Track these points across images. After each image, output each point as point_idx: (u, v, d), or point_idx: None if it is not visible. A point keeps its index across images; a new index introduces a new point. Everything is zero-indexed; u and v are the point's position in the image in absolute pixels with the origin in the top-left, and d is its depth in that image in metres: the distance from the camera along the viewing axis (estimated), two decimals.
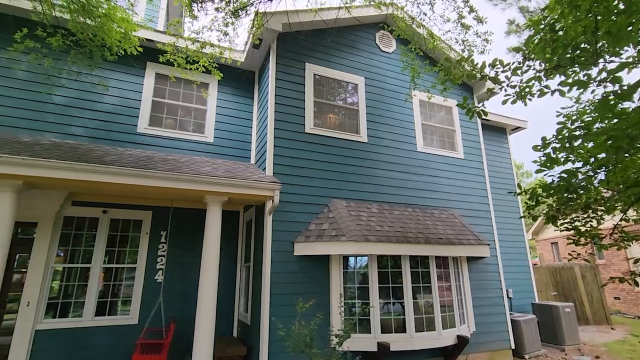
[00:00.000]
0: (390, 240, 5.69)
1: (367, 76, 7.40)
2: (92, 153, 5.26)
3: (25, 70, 5.76)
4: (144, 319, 5.95)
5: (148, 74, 6.90)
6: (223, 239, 6.45)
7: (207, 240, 5.22)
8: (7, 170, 4.25)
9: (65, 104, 6.20)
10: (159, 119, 6.91)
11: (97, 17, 4.78)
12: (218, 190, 5.18)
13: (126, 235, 6.57)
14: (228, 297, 6.86)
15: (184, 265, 6.62)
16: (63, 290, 6.01)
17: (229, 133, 7.37)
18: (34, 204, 5.62)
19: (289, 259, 5.61)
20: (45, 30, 5.04)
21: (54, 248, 6.01)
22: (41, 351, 5.55)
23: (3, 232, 4.32)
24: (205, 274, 5.07)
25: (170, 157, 6.07)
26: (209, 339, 4.84)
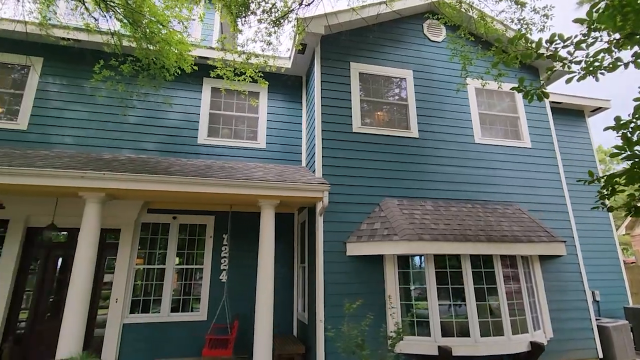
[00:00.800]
0: (447, 238, 5.39)
1: (416, 69, 7.12)
2: (160, 165, 5.83)
3: (104, 96, 6.59)
4: (212, 315, 6.42)
5: (205, 88, 7.46)
6: (279, 240, 6.71)
7: (262, 242, 5.46)
8: (92, 184, 4.90)
9: (137, 122, 6.96)
10: (216, 130, 7.41)
11: (157, 42, 5.30)
12: (269, 194, 5.40)
13: (193, 238, 7.16)
14: (286, 296, 7.09)
15: (243, 266, 7.00)
16: (143, 289, 6.74)
17: (280, 138, 7.62)
18: (116, 212, 6.40)
19: (342, 260, 5.62)
20: (117, 59, 5.72)
21: (135, 251, 6.77)
22: (128, 342, 6.29)
23: (92, 237, 4.98)
24: (261, 274, 5.30)
25: (227, 165, 6.47)
26: (267, 337, 5.05)
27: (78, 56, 6.75)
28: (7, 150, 5.77)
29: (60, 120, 6.66)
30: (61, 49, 6.70)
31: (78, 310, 4.65)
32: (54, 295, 6.56)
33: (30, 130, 6.48)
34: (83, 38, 6.42)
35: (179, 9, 5.56)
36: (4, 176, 4.65)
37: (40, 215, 6.29)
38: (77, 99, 6.82)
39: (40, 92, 6.71)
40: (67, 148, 6.51)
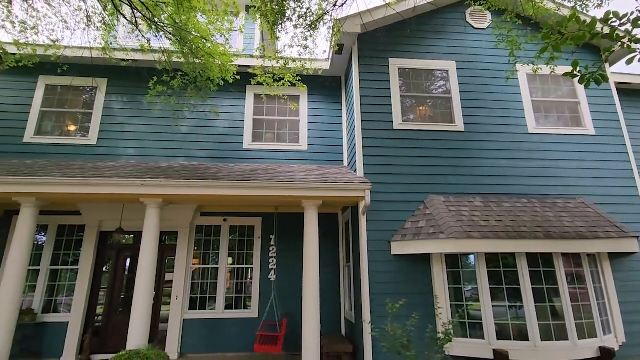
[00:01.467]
0: (499, 236, 5.10)
1: (459, 59, 6.81)
2: (209, 171, 6.20)
3: (159, 110, 7.16)
4: (262, 313, 6.69)
5: (248, 95, 7.79)
6: (324, 240, 6.82)
7: (307, 242, 5.58)
8: (151, 191, 5.36)
9: (189, 132, 7.47)
10: (260, 135, 7.71)
11: (202, 56, 5.66)
12: (311, 195, 5.50)
13: (243, 239, 7.52)
14: (333, 295, 7.16)
15: (290, 265, 7.20)
16: (200, 287, 7.21)
17: (322, 139, 7.72)
18: (173, 216, 6.92)
19: (387, 259, 5.56)
20: (168, 75, 6.19)
21: (191, 252, 7.27)
22: (188, 335, 6.78)
23: (153, 239, 5.45)
24: (307, 274, 5.43)
25: (270, 168, 6.70)
26: (315, 335, 5.16)
27: (135, 75, 7.40)
28: (82, 164, 6.50)
29: (123, 134, 7.35)
30: (121, 70, 7.41)
31: (143, 306, 5.12)
32: (124, 292, 7.27)
33: (99, 145, 7.24)
34: (139, 58, 7.04)
35: (220, 23, 5.88)
36: (80, 186, 5.26)
37: (110, 220, 7.01)
38: (136, 114, 7.49)
39: (106, 109, 7.47)
40: (130, 159, 7.17)
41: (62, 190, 5.25)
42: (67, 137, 7.31)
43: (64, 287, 6.98)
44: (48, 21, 7.82)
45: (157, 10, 5.42)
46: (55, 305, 6.85)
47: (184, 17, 5.37)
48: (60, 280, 7.01)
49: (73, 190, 5.26)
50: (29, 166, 6.00)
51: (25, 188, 5.17)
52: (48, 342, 6.53)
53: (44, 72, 7.24)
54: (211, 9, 5.85)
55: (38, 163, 6.37)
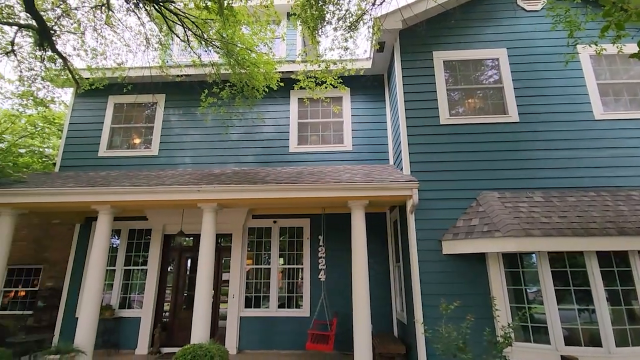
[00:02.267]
0: (563, 233, 4.71)
1: (510, 45, 6.40)
2: (258, 175, 6.48)
3: (210, 120, 7.63)
4: (313, 312, 6.83)
5: (292, 101, 8.00)
6: (372, 239, 6.78)
7: (355, 241, 5.61)
8: (206, 196, 5.74)
9: (238, 139, 7.87)
10: (305, 138, 7.88)
11: (247, 66, 5.94)
12: (357, 195, 5.52)
13: (293, 240, 7.74)
14: (384, 295, 7.09)
15: (339, 265, 7.26)
16: (254, 287, 7.55)
17: (366, 139, 7.69)
18: (227, 219, 7.33)
19: (438, 259, 5.40)
20: (217, 86, 6.59)
21: (244, 252, 7.64)
22: (245, 332, 7.14)
23: (210, 241, 5.82)
24: (356, 274, 5.45)
25: (316, 170, 6.83)
26: (366, 335, 5.16)
27: (189, 89, 7.96)
28: (146, 174, 7.14)
29: (180, 144, 7.95)
30: (177, 85, 8.02)
31: (204, 304, 5.49)
32: (187, 291, 7.84)
33: (160, 155, 7.90)
34: (191, 72, 7.57)
35: (263, 32, 6.13)
36: (146, 194, 5.80)
37: (172, 224, 7.62)
38: (191, 125, 8.06)
39: (165, 122, 8.13)
40: (187, 167, 7.73)
41: (131, 198, 5.82)
42: (133, 150, 8.08)
43: (135, 286, 7.72)
44: (114, 46, 8.73)
45: (206, 27, 5.80)
46: (129, 302, 7.60)
47: (229, 31, 5.69)
48: (132, 279, 7.76)
49: (140, 198, 5.81)
50: (104, 177, 6.73)
51: (101, 197, 5.81)
52: (125, 335, 7.26)
53: (112, 92, 8.08)
54: (254, 21, 6.13)
55: (110, 174, 7.12)
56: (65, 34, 6.39)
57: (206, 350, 4.36)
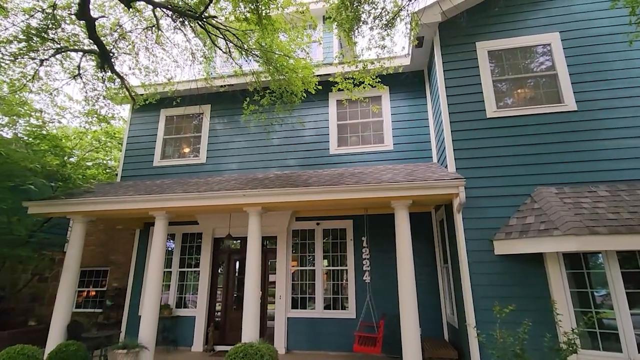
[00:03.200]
0: (634, 230, 4.25)
1: (563, 29, 5.93)
2: (300, 178, 6.59)
3: (253, 126, 7.90)
4: (359, 314, 6.79)
5: (330, 103, 8.05)
6: (418, 240, 6.61)
7: (399, 242, 5.49)
8: (251, 200, 5.94)
9: (279, 143, 8.06)
10: (345, 139, 7.88)
11: (286, 72, 6.09)
12: (400, 195, 5.40)
13: (336, 242, 7.76)
14: (432, 298, 6.87)
15: (384, 266, 7.16)
16: (300, 288, 7.67)
17: (407, 137, 7.52)
18: (272, 222, 7.53)
19: (489, 259, 5.12)
20: (258, 94, 6.81)
21: (289, 254, 7.80)
22: (293, 333, 7.27)
23: (256, 244, 6.01)
24: (401, 275, 5.33)
25: (357, 171, 6.79)
26: (415, 338, 5.02)
27: (232, 98, 8.31)
28: (196, 180, 7.56)
29: (226, 151, 8.32)
30: (220, 95, 8.41)
31: (253, 305, 5.68)
32: (236, 292, 8.16)
33: (207, 162, 8.33)
34: (234, 82, 7.90)
35: (300, 38, 6.25)
36: (196, 200, 6.13)
37: (221, 227, 7.98)
38: (235, 132, 8.41)
39: (211, 131, 8.57)
40: (232, 172, 8.07)
41: (183, 204, 6.19)
42: (184, 159, 8.60)
43: (190, 286, 8.19)
44: (164, 63, 9.37)
45: (246, 37, 6.03)
46: (185, 302, 8.08)
47: (268, 39, 5.86)
48: (186, 280, 8.25)
49: (191, 204, 6.16)
50: (159, 186, 7.23)
51: (157, 204, 6.25)
52: (181, 333, 7.73)
53: (163, 105, 8.67)
54: (291, 28, 6.26)
55: (165, 182, 7.63)
56: (122, 55, 6.98)
57: (256, 349, 4.50)
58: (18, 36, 5.97)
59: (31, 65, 6.49)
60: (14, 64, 6.24)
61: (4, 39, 6.04)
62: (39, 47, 6.08)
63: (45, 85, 7.10)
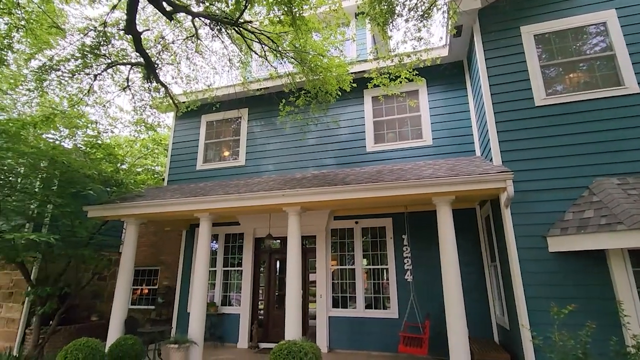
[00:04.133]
0: None
1: (620, 5, 5.42)
2: (337, 177, 6.57)
3: (289, 127, 8.01)
4: (402, 313, 6.64)
5: (366, 100, 7.96)
6: (462, 237, 6.32)
7: (442, 240, 5.30)
8: (290, 200, 6.01)
9: (316, 143, 8.10)
10: (382, 136, 7.75)
11: (320, 72, 6.10)
12: (442, 191, 5.21)
13: (375, 240, 7.65)
14: (479, 298, 6.56)
15: (427, 265, 6.95)
16: (340, 287, 7.66)
17: (447, 131, 7.25)
18: (310, 221, 7.58)
19: (543, 257, 4.79)
20: (293, 95, 6.89)
21: (329, 253, 7.81)
22: (334, 331, 7.27)
23: (296, 243, 6.08)
24: (446, 274, 5.14)
25: (395, 168, 6.65)
26: (462, 340, 4.81)
27: (268, 100, 8.48)
28: (236, 182, 7.80)
29: (264, 153, 8.51)
30: (257, 98, 8.61)
31: (295, 303, 5.75)
32: (278, 290, 8.31)
33: (247, 164, 8.57)
34: (269, 85, 8.06)
35: (334, 36, 6.24)
36: (237, 201, 6.32)
37: (261, 227, 8.17)
38: (272, 134, 8.57)
39: (249, 134, 8.80)
40: (271, 174, 8.24)
41: (225, 205, 6.40)
42: (224, 162, 8.91)
43: (233, 285, 8.46)
44: (203, 71, 9.76)
45: (280, 40, 6.12)
46: (229, 300, 8.36)
47: (302, 40, 5.91)
48: (230, 279, 8.53)
49: (232, 205, 6.36)
50: (202, 188, 7.54)
51: (201, 205, 6.52)
52: (227, 330, 8.00)
53: (204, 112, 9.03)
54: (324, 27, 6.27)
55: (207, 185, 7.95)
56: (165, 65, 7.37)
57: (300, 347, 4.55)
58: (75, 54, 6.49)
59: (86, 80, 7.04)
60: (72, 80, 6.79)
61: (63, 58, 6.59)
62: (93, 63, 6.57)
63: (99, 98, 7.67)
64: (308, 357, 4.47)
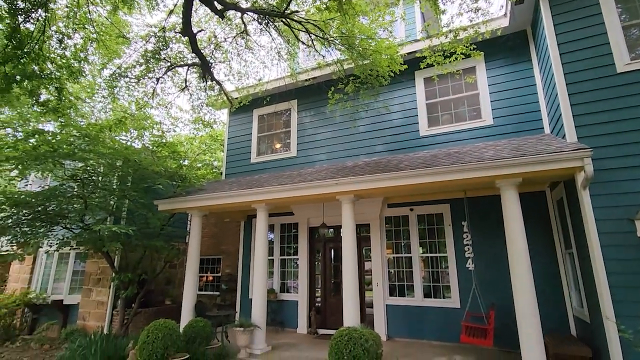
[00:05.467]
0: None
1: None
2: (390, 163, 6.41)
3: (339, 116, 7.97)
4: (464, 303, 6.36)
5: (417, 82, 7.62)
6: (530, 223, 5.87)
7: (508, 226, 4.94)
8: (343, 188, 6.00)
9: (366, 130, 7.97)
10: (436, 119, 7.39)
11: (370, 55, 5.94)
12: (506, 173, 4.84)
13: (432, 227, 7.38)
14: (552, 288, 6.05)
15: (490, 253, 6.56)
16: (397, 275, 7.53)
17: (510, 108, 6.69)
18: (363, 210, 7.52)
19: (629, 242, 4.26)
20: (342, 82, 6.81)
21: (383, 241, 7.71)
22: (392, 320, 7.20)
23: (351, 232, 6.07)
24: (515, 263, 4.80)
25: (452, 151, 6.32)
26: (536, 332, 4.48)
27: (317, 90, 8.49)
28: (289, 173, 7.98)
29: (314, 143, 8.58)
30: (306, 89, 8.67)
31: (352, 291, 5.78)
32: (334, 278, 8.42)
33: (298, 155, 8.71)
34: (317, 74, 8.06)
35: (382, 18, 6.02)
36: (291, 191, 6.45)
37: (315, 217, 8.29)
38: (322, 124, 8.59)
39: (299, 125, 8.91)
40: (322, 163, 8.28)
41: (280, 196, 6.58)
42: (276, 154, 9.14)
43: (290, 273, 8.73)
44: (253, 66, 10.04)
45: (327, 27, 6.06)
46: (287, 287, 8.65)
47: (349, 24, 5.79)
48: (287, 267, 8.81)
49: (287, 195, 6.51)
50: (257, 180, 7.82)
51: (258, 196, 6.77)
52: (287, 316, 8.31)
53: (255, 106, 9.31)
54: (372, 9, 6.08)
55: (262, 177, 8.23)
56: (218, 64, 7.69)
57: (361, 333, 4.56)
58: (139, 60, 7.03)
59: (150, 84, 7.61)
60: (138, 85, 7.37)
61: (129, 65, 7.18)
62: (155, 67, 7.06)
63: (161, 100, 8.26)
64: (369, 344, 4.47)
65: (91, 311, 9.16)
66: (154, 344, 5.18)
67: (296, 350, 6.54)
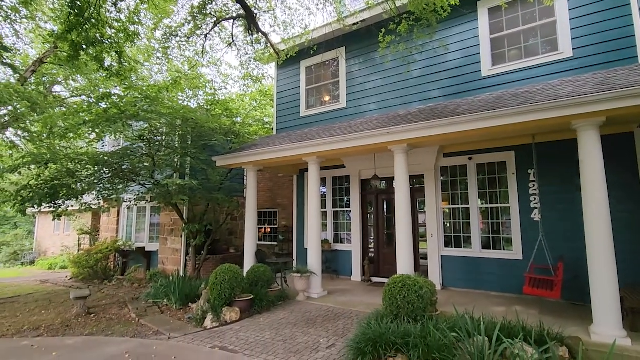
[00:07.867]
0: None
1: None
2: (447, 109, 5.95)
3: (390, 61, 7.45)
4: (528, 255, 6.02)
5: (480, 13, 6.74)
6: (611, 169, 5.18)
7: (586, 174, 4.40)
8: (396, 137, 5.73)
9: (420, 74, 7.40)
10: (501, 55, 6.59)
11: None
12: (587, 111, 4.21)
13: (493, 177, 6.90)
14: (634, 239, 5.44)
15: (559, 202, 6.02)
16: (453, 227, 7.31)
17: (594, 36, 5.70)
18: (417, 160, 7.23)
19: None
20: (394, 22, 6.25)
21: (439, 193, 7.43)
22: (447, 270, 7.13)
23: (404, 183, 5.89)
24: (590, 213, 4.32)
25: (520, 91, 5.64)
26: (610, 284, 4.11)
27: (366, 34, 7.95)
28: (339, 125, 7.82)
29: (364, 92, 8.22)
30: (354, 35, 8.14)
31: (406, 241, 5.74)
32: (387, 230, 8.43)
33: (348, 106, 8.45)
34: (366, 16, 7.49)
35: None
36: (342, 142, 6.34)
37: (366, 169, 8.18)
38: (372, 71, 8.14)
39: (348, 74, 8.54)
40: (373, 113, 7.97)
41: (331, 148, 6.52)
42: (325, 106, 8.95)
43: (343, 225, 8.91)
44: (298, 14, 9.63)
45: None
46: (340, 238, 8.89)
47: None
48: (340, 219, 8.99)
49: (338, 147, 6.43)
50: (307, 134, 7.81)
51: (309, 149, 6.79)
52: (341, 265, 8.63)
53: (302, 57, 9.05)
54: None
55: (313, 130, 8.19)
56: (263, 15, 7.47)
57: (415, 280, 4.58)
58: (187, 18, 7.07)
59: (199, 42, 7.70)
60: (188, 43, 7.49)
61: (179, 24, 7.27)
62: (202, 23, 7.07)
63: (211, 57, 8.41)
64: (423, 291, 4.48)
65: (168, 257, 10.35)
66: (222, 284, 5.74)
67: (351, 295, 6.83)
